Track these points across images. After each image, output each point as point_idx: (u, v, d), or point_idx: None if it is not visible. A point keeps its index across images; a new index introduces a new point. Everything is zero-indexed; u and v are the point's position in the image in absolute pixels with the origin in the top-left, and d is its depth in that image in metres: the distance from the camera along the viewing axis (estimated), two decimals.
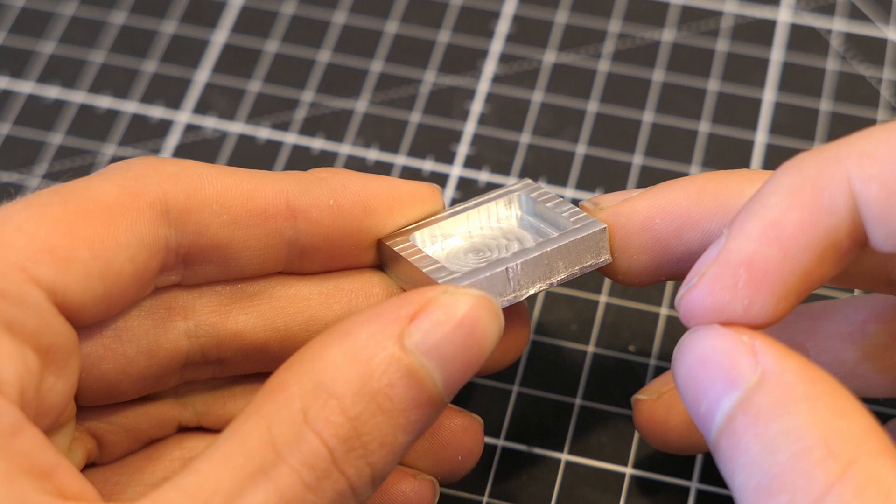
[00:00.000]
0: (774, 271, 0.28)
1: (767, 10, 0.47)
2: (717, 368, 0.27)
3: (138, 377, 0.31)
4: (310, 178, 0.32)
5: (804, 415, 0.25)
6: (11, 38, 0.47)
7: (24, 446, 0.26)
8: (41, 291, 0.27)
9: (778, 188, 0.28)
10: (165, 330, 0.31)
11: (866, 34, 0.46)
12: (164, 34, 0.47)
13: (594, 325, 0.40)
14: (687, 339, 0.28)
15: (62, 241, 0.28)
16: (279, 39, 0.47)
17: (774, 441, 0.25)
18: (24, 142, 0.45)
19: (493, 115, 0.45)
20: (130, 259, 0.29)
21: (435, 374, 0.28)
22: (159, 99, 0.46)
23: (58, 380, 0.28)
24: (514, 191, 0.34)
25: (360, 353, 0.27)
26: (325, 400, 0.27)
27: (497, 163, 0.44)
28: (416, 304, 0.28)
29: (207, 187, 0.30)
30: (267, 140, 0.45)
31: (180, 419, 0.33)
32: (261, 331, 0.32)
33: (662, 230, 0.32)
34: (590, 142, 0.44)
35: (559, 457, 0.37)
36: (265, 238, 0.31)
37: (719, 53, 0.46)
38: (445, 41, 0.47)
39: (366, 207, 0.32)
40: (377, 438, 0.27)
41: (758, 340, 0.27)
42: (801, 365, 0.26)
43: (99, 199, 0.29)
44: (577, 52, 0.46)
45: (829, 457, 0.25)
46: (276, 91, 0.46)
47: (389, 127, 0.45)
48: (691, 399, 0.27)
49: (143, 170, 0.30)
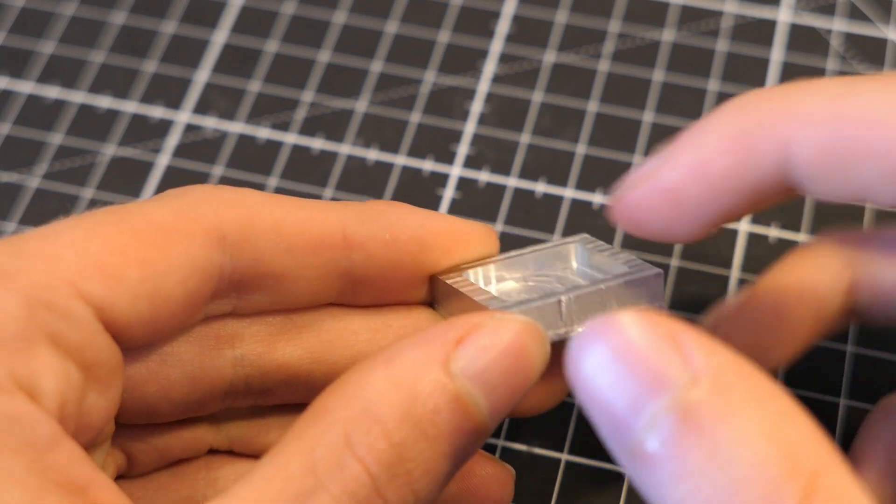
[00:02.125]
0: (696, 205, 0.29)
1: (767, 10, 0.47)
2: (635, 368, 0.24)
3: (179, 402, 0.31)
4: (368, 210, 0.31)
5: (755, 421, 0.23)
6: (11, 38, 0.47)
7: (58, 460, 0.25)
8: (88, 307, 0.27)
9: (716, 128, 0.29)
10: (211, 357, 0.31)
11: (866, 34, 0.46)
12: (164, 34, 0.47)
13: None
14: (589, 333, 0.25)
15: (113, 260, 0.27)
16: (279, 39, 0.47)
17: (725, 452, 0.23)
18: (24, 142, 0.45)
19: (493, 115, 0.45)
20: (181, 283, 0.28)
21: (480, 401, 0.27)
22: (159, 99, 0.46)
23: (100, 397, 0.28)
24: (569, 242, 0.34)
25: (405, 378, 0.27)
26: (369, 425, 0.26)
27: (497, 163, 0.44)
28: (462, 329, 0.27)
29: (265, 215, 0.30)
30: (267, 140, 0.45)
31: (212, 443, 0.33)
32: (307, 363, 0.32)
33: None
34: (590, 142, 0.44)
35: (559, 457, 0.37)
36: (320, 268, 0.31)
37: (719, 53, 0.46)
38: (445, 41, 0.47)
39: (422, 243, 0.31)
40: (421, 465, 0.26)
41: (681, 331, 0.24)
42: (734, 359, 0.24)
43: (154, 222, 0.28)
44: (577, 52, 0.46)
45: (791, 473, 0.22)
46: (276, 91, 0.46)
47: (389, 127, 0.45)
48: (601, 407, 0.24)
49: (201, 195, 0.30)
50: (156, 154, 0.44)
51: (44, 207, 0.43)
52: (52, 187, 0.43)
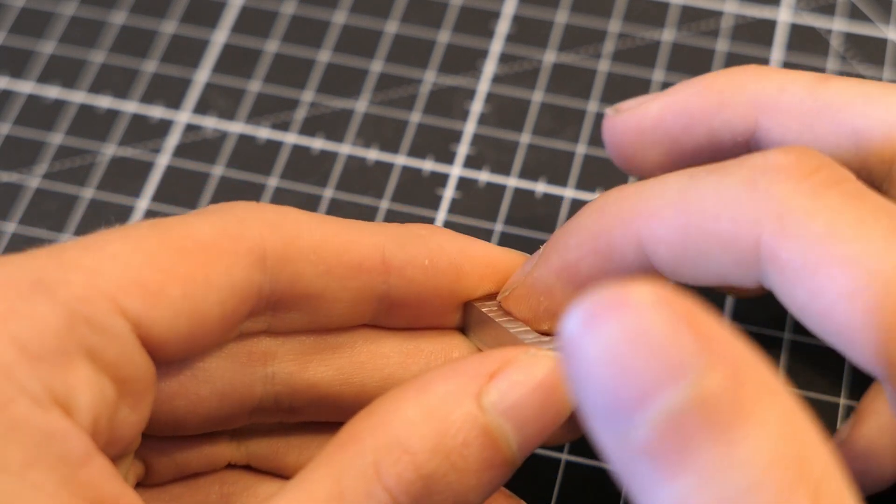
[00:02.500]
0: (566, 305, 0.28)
1: (767, 10, 0.47)
2: (654, 353, 0.21)
3: (206, 417, 0.31)
4: (407, 234, 0.31)
5: (771, 421, 0.22)
6: (11, 38, 0.47)
7: (90, 477, 0.25)
8: (127, 323, 0.27)
9: (579, 230, 0.30)
10: (243, 375, 0.31)
11: (866, 34, 0.46)
12: (164, 34, 0.47)
13: None
14: (604, 304, 0.22)
15: (155, 276, 0.27)
16: (279, 39, 0.47)
17: (740, 450, 0.21)
18: (24, 142, 0.45)
19: (493, 115, 0.45)
20: (221, 302, 0.28)
21: (510, 436, 0.27)
22: (159, 99, 0.46)
23: (132, 412, 0.28)
24: None
25: (437, 409, 0.27)
26: (398, 455, 0.26)
27: (497, 163, 0.44)
28: (496, 362, 0.27)
29: (306, 236, 0.30)
30: (267, 140, 0.45)
31: (231, 458, 0.33)
32: (337, 384, 0.31)
33: (672, 126, 0.33)
34: (590, 142, 0.44)
35: (559, 457, 0.37)
36: (357, 291, 0.31)
37: (719, 53, 0.46)
38: (445, 41, 0.47)
39: (460, 271, 0.31)
40: (449, 498, 0.26)
41: (701, 317, 0.22)
42: (749, 353, 0.22)
43: (197, 239, 0.28)
44: (577, 52, 0.46)
45: (802, 478, 0.21)
46: (276, 91, 0.46)
47: (389, 127, 0.45)
48: (603, 384, 0.22)
49: (244, 214, 0.30)
50: (156, 154, 0.44)
51: (44, 207, 0.43)
52: (52, 187, 0.43)
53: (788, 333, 0.39)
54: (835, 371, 0.39)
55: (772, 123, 0.32)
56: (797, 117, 0.32)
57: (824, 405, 0.38)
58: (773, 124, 0.32)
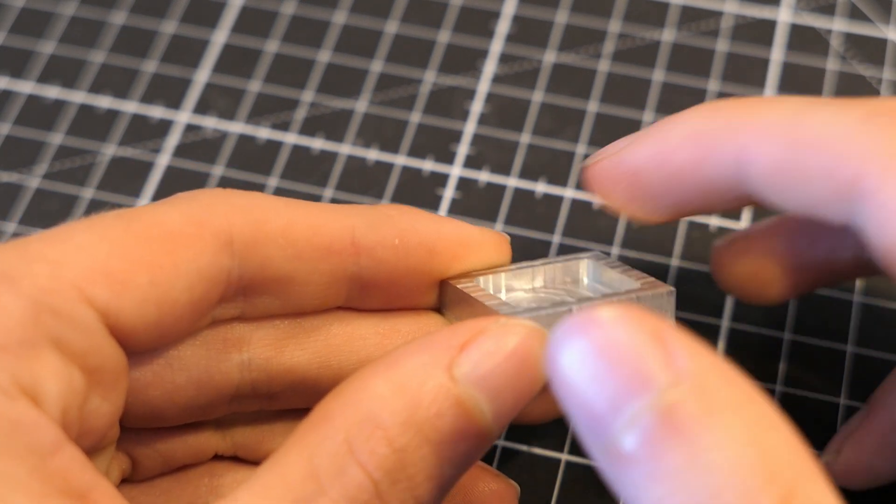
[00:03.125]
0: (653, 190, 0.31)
1: (767, 10, 0.47)
2: (620, 364, 0.23)
3: (185, 406, 0.31)
4: (377, 214, 0.31)
5: (737, 427, 0.22)
6: (11, 38, 0.47)
7: (61, 466, 0.25)
8: (94, 312, 0.27)
9: (682, 124, 0.31)
10: (218, 362, 0.31)
11: (866, 34, 0.46)
12: (164, 34, 0.47)
13: None
14: (572, 328, 0.24)
15: (120, 264, 0.27)
16: (279, 39, 0.47)
17: (706, 456, 0.22)
18: (24, 142, 0.45)
19: (493, 115, 0.45)
20: (189, 288, 0.28)
21: (484, 406, 0.27)
22: (159, 99, 0.46)
23: (103, 402, 0.28)
24: (581, 258, 0.33)
25: (408, 382, 0.26)
26: (370, 431, 0.26)
27: (497, 163, 0.44)
28: (466, 333, 0.27)
29: (274, 220, 0.30)
30: (267, 140, 0.45)
31: (217, 449, 0.33)
32: (315, 368, 0.31)
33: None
34: (590, 142, 0.44)
35: (559, 457, 0.37)
36: (328, 273, 0.31)
37: (719, 53, 0.46)
38: (445, 41, 0.47)
39: (431, 250, 0.31)
40: (423, 471, 0.26)
41: (666, 331, 0.23)
42: (718, 362, 0.23)
43: (163, 226, 0.28)
44: (577, 52, 0.46)
45: (770, 482, 0.22)
46: (276, 91, 0.46)
47: (389, 127, 0.45)
48: (581, 402, 0.23)
49: (211, 200, 0.30)
50: (156, 154, 0.44)
51: (44, 207, 0.43)
52: (52, 187, 0.43)
53: (788, 333, 0.39)
54: (835, 371, 0.39)
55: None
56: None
57: (824, 405, 0.38)
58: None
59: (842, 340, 0.39)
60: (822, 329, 0.39)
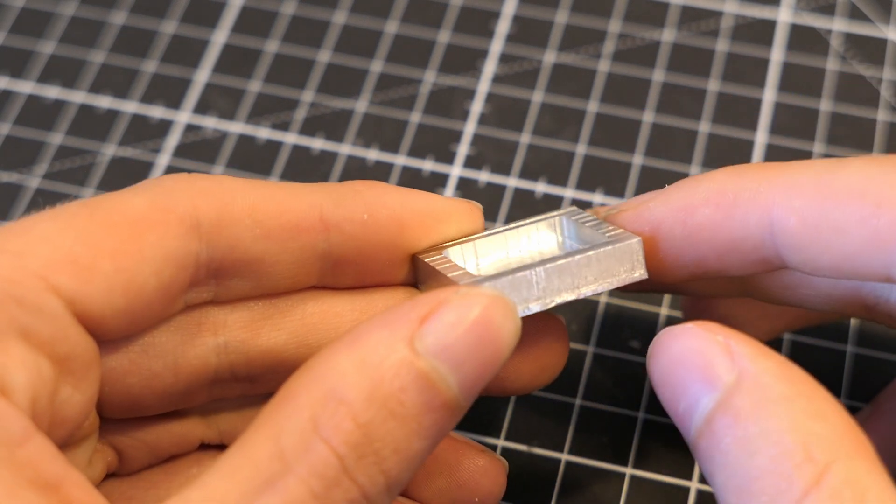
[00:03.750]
0: (671, 246, 0.31)
1: (767, 10, 0.47)
2: (693, 369, 0.27)
3: (163, 393, 0.31)
4: (345, 190, 0.31)
5: (782, 417, 0.26)
6: (11, 38, 0.47)
7: (30, 456, 0.25)
8: (59, 300, 0.27)
9: (711, 180, 0.31)
10: (194, 346, 0.31)
11: (866, 34, 0.46)
12: (164, 34, 0.47)
13: (594, 325, 0.40)
14: (661, 339, 0.28)
15: (85, 252, 0.27)
16: (279, 39, 0.47)
17: (753, 443, 0.26)
18: (24, 142, 0.45)
19: (493, 115, 0.45)
20: (156, 273, 0.28)
21: (448, 377, 0.27)
22: (159, 99, 0.46)
23: (75, 391, 0.27)
24: (556, 215, 0.33)
25: (370, 357, 0.26)
26: (334, 407, 0.26)
27: (497, 163, 0.44)
28: (427, 306, 0.27)
29: (240, 201, 0.30)
30: (267, 140, 0.45)
31: (203, 437, 0.33)
32: (292, 347, 0.31)
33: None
34: (590, 142, 0.44)
35: (559, 457, 0.37)
36: (298, 252, 0.30)
37: (719, 53, 0.46)
38: (445, 41, 0.47)
39: (401, 223, 0.31)
40: (390, 445, 0.26)
41: (733, 340, 0.27)
42: (778, 364, 0.27)
43: (127, 213, 0.28)
44: (577, 52, 0.46)
45: (807, 460, 0.25)
46: (276, 91, 0.46)
47: (389, 127, 0.45)
48: (669, 399, 0.28)
49: (175, 184, 0.30)
50: (156, 154, 0.44)
51: (44, 207, 0.43)
52: (52, 187, 0.43)
53: (788, 333, 0.39)
54: (835, 371, 0.39)
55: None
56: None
57: None
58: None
59: (842, 340, 0.39)
60: (822, 329, 0.39)
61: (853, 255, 0.29)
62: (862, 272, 0.29)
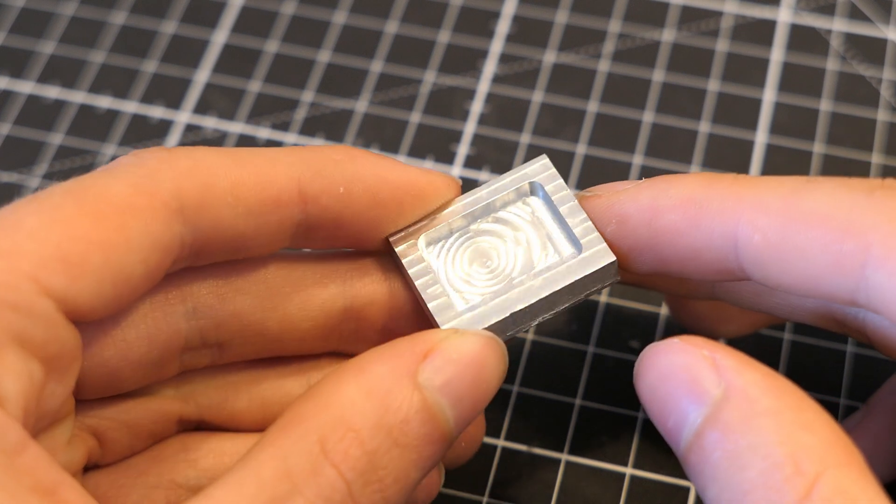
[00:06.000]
0: (636, 242, 0.31)
1: (767, 10, 0.47)
2: (680, 384, 0.27)
3: (139, 363, 0.31)
4: (324, 161, 0.31)
5: (770, 430, 0.26)
6: (11, 38, 0.47)
7: (28, 464, 0.25)
8: (51, 302, 0.27)
9: (682, 184, 0.31)
10: (164, 314, 0.31)
11: (866, 34, 0.46)
12: (164, 34, 0.47)
13: (594, 325, 0.40)
14: (647, 355, 0.29)
15: (74, 248, 0.27)
16: (279, 39, 0.47)
17: (743, 457, 0.26)
18: (24, 142, 0.45)
19: (493, 115, 0.45)
20: (144, 260, 0.28)
21: (447, 411, 0.28)
22: (159, 99, 0.46)
23: (58, 385, 0.28)
24: (528, 177, 0.33)
25: (376, 388, 0.28)
26: (343, 432, 0.27)
27: (497, 163, 0.44)
28: (428, 343, 0.29)
29: (222, 180, 0.30)
30: (267, 140, 0.45)
31: (181, 413, 0.33)
32: (259, 312, 0.32)
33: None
34: (590, 142, 0.44)
35: (559, 457, 0.37)
36: (276, 224, 0.31)
37: (719, 53, 0.46)
38: (445, 41, 0.47)
39: (376, 198, 0.31)
40: (392, 473, 0.27)
41: (719, 353, 0.27)
42: (764, 376, 0.27)
43: (112, 200, 0.28)
44: (577, 52, 0.46)
45: (796, 473, 0.25)
46: (276, 91, 0.46)
47: (389, 127, 0.45)
48: (658, 414, 0.28)
49: (157, 165, 0.30)
50: None
51: None
52: None
53: (788, 334, 0.39)
54: (835, 371, 0.39)
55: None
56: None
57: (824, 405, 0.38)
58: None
59: (842, 341, 0.39)
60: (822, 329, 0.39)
61: (816, 278, 0.29)
62: (825, 294, 0.29)
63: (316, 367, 0.34)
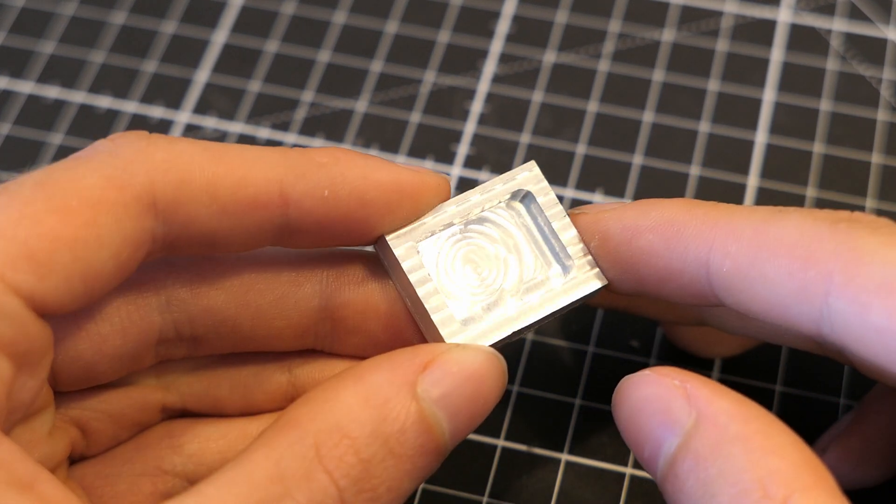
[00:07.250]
0: (616, 260, 0.32)
1: (767, 10, 0.47)
2: (653, 414, 0.28)
3: (114, 355, 0.31)
4: (307, 163, 0.30)
5: (739, 456, 0.26)
6: (11, 38, 0.47)
7: (2, 459, 0.25)
8: (19, 300, 0.27)
9: (663, 209, 0.31)
10: (137, 307, 0.31)
11: (866, 34, 0.46)
12: (164, 34, 0.47)
13: (594, 325, 0.40)
14: (622, 388, 0.29)
15: (43, 245, 0.27)
16: (279, 39, 0.47)
17: (714, 484, 0.26)
18: (24, 142, 0.45)
19: (493, 115, 0.45)
20: (114, 256, 0.28)
21: (444, 424, 0.28)
22: (159, 99, 0.46)
23: (30, 378, 0.28)
24: (520, 185, 0.33)
25: (375, 396, 0.28)
26: (338, 439, 0.27)
27: (497, 163, 0.44)
28: (429, 354, 0.29)
29: (198, 176, 0.29)
30: (267, 140, 0.45)
31: (164, 402, 0.33)
32: (232, 307, 0.32)
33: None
34: (590, 142, 0.44)
35: (559, 457, 0.37)
36: (255, 226, 0.30)
37: (719, 53, 0.46)
38: (445, 41, 0.47)
39: (363, 199, 0.30)
40: (385, 482, 0.27)
41: (690, 383, 0.28)
42: (733, 403, 0.27)
43: (82, 194, 0.28)
44: (577, 52, 0.46)
45: (764, 497, 0.26)
46: (276, 91, 0.46)
47: (389, 127, 0.45)
48: (634, 444, 0.29)
49: (132, 156, 0.29)
50: None
51: None
52: None
53: None
54: (835, 371, 0.39)
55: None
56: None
57: (824, 405, 0.38)
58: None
59: None
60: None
61: (783, 306, 0.29)
62: (791, 322, 0.29)
63: (297, 357, 0.33)
